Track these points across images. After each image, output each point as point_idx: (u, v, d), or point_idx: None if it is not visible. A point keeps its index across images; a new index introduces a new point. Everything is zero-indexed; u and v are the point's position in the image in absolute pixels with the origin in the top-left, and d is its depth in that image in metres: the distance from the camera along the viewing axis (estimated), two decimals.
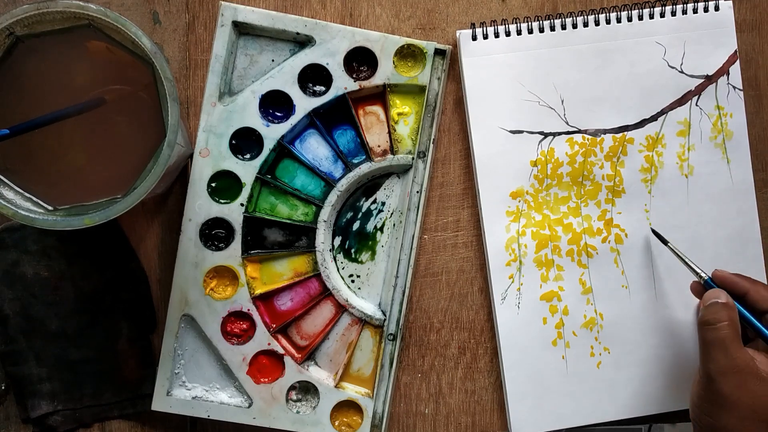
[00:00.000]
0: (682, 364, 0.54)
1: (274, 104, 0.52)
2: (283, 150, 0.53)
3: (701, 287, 0.49)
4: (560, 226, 0.54)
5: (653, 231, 0.53)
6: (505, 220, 0.54)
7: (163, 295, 0.54)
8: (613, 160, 0.54)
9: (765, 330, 0.46)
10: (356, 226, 0.54)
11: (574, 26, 0.53)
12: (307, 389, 0.53)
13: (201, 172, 0.52)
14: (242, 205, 0.52)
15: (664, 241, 0.52)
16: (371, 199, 0.54)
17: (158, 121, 0.42)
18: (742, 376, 0.44)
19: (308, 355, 0.53)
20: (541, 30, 0.53)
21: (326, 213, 0.52)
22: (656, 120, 0.54)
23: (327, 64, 0.52)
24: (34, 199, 0.43)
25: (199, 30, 0.54)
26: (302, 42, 0.52)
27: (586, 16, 0.53)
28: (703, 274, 0.49)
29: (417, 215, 0.53)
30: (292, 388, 0.53)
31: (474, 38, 0.53)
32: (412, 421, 0.55)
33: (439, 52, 0.52)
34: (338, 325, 0.53)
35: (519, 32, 0.53)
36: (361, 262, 0.54)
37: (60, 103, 0.42)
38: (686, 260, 0.50)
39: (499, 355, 0.54)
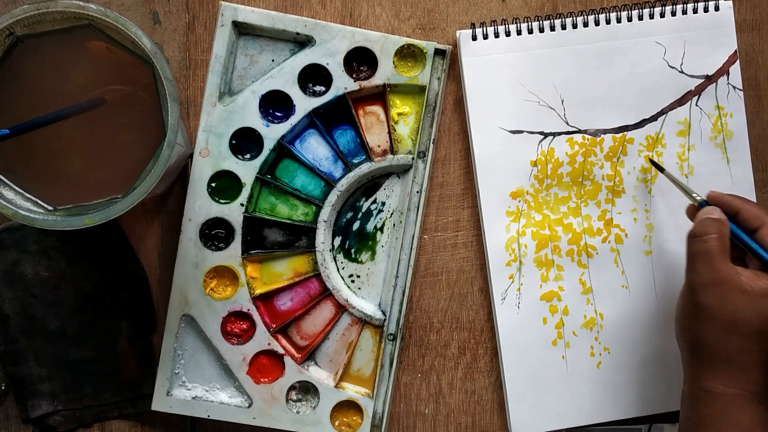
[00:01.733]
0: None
1: (274, 104, 0.52)
2: (283, 150, 0.53)
3: (695, 210, 0.49)
4: (560, 226, 0.54)
5: (650, 160, 0.53)
6: (505, 220, 0.54)
7: (163, 295, 0.54)
8: (613, 160, 0.54)
9: (754, 245, 0.46)
10: (356, 226, 0.54)
11: (574, 26, 0.53)
12: (307, 389, 0.53)
13: (201, 172, 0.52)
14: (242, 205, 0.52)
15: (661, 169, 0.53)
16: (371, 199, 0.54)
17: (158, 121, 0.42)
18: (724, 288, 0.44)
19: (308, 355, 0.53)
20: (541, 30, 0.53)
21: (326, 213, 0.52)
22: (656, 120, 0.54)
23: (327, 64, 0.52)
24: (34, 199, 0.43)
25: (199, 30, 0.54)
26: (302, 42, 0.52)
27: (586, 16, 0.53)
28: (698, 197, 0.49)
29: (417, 215, 0.53)
30: (292, 388, 0.53)
31: (474, 38, 0.53)
32: (412, 421, 0.55)
33: (439, 52, 0.52)
34: (338, 325, 0.53)
35: (519, 32, 0.53)
36: (361, 262, 0.54)
37: (60, 103, 0.42)
38: (682, 184, 0.51)
39: (499, 355, 0.54)
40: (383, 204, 0.54)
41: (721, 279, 0.44)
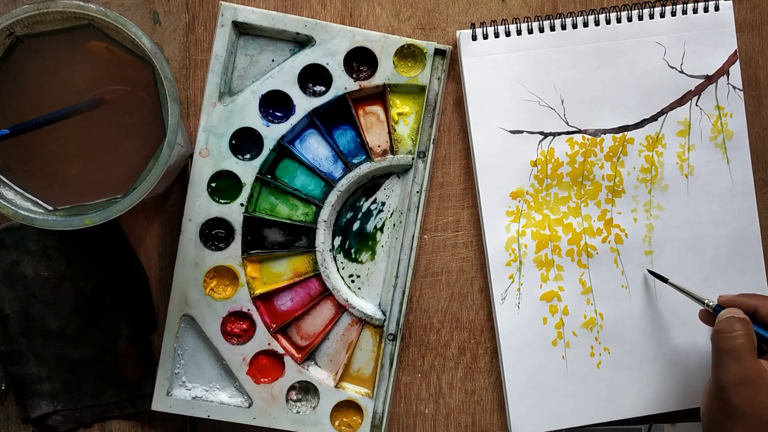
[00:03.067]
0: (682, 363, 0.54)
1: (274, 104, 0.52)
2: (283, 150, 0.53)
3: (710, 315, 0.49)
4: (560, 226, 0.54)
5: (650, 272, 0.53)
6: (505, 220, 0.54)
7: (163, 295, 0.54)
8: (613, 160, 0.54)
9: None
10: (356, 226, 0.54)
11: (574, 26, 0.53)
12: (307, 389, 0.53)
13: (201, 172, 0.52)
14: (242, 205, 0.52)
15: (664, 279, 0.52)
16: (371, 199, 0.54)
17: (158, 121, 0.42)
18: (754, 388, 0.44)
19: (308, 355, 0.53)
20: (541, 30, 0.53)
21: (326, 213, 0.52)
22: (656, 120, 0.54)
23: (327, 64, 0.52)
24: (34, 199, 0.43)
25: (199, 30, 0.54)
26: (302, 42, 0.52)
27: (586, 16, 0.53)
28: (709, 302, 0.49)
29: (417, 215, 0.53)
30: (292, 388, 0.53)
31: (474, 38, 0.53)
32: (412, 421, 0.55)
33: (439, 52, 0.52)
34: (338, 325, 0.53)
35: (519, 32, 0.53)
36: (361, 262, 0.54)
37: (60, 103, 0.42)
38: (690, 292, 0.51)
39: (499, 355, 0.54)
40: (383, 204, 0.54)
41: (750, 377, 0.44)
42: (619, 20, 0.53)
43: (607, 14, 0.53)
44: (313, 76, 0.52)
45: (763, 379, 0.44)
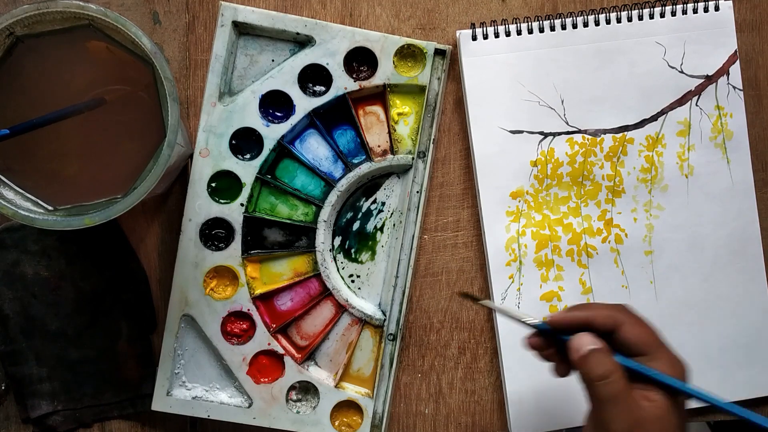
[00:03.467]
0: None
1: (274, 104, 0.52)
2: (283, 150, 0.53)
3: (540, 340, 0.44)
4: (560, 226, 0.54)
5: (461, 294, 0.52)
6: (505, 220, 0.54)
7: (163, 295, 0.54)
8: (613, 160, 0.54)
9: (652, 372, 0.41)
10: (356, 226, 0.54)
11: (574, 26, 0.53)
12: (307, 389, 0.53)
13: (201, 172, 0.52)
14: (242, 205, 0.52)
15: (476, 300, 0.48)
16: (371, 199, 0.54)
17: (158, 121, 0.42)
18: (646, 427, 0.40)
19: (308, 355, 0.53)
20: (541, 30, 0.53)
21: (326, 213, 0.52)
22: (656, 120, 0.54)
23: (327, 64, 0.52)
24: (34, 199, 0.43)
25: (199, 30, 0.54)
26: (302, 42, 0.52)
27: (586, 16, 0.53)
28: (531, 320, 0.43)
29: (417, 215, 0.53)
30: (292, 388, 0.53)
31: (474, 38, 0.53)
32: (412, 421, 0.55)
33: (439, 52, 0.52)
34: (338, 325, 0.53)
35: (519, 32, 0.53)
36: (361, 262, 0.54)
37: (60, 103, 0.42)
38: (511, 314, 0.44)
39: (499, 355, 0.54)
40: (383, 204, 0.54)
41: (640, 418, 0.40)
42: (619, 20, 0.53)
43: (607, 14, 0.53)
44: (313, 76, 0.52)
45: (649, 415, 0.40)
